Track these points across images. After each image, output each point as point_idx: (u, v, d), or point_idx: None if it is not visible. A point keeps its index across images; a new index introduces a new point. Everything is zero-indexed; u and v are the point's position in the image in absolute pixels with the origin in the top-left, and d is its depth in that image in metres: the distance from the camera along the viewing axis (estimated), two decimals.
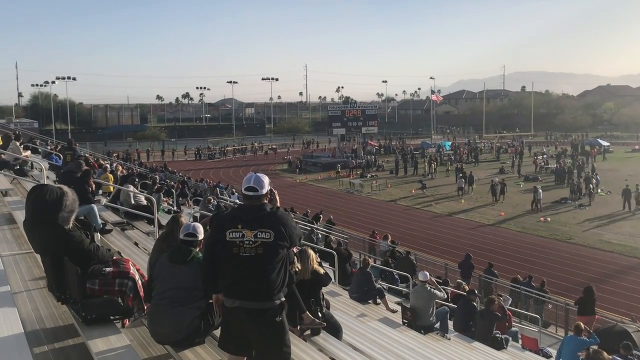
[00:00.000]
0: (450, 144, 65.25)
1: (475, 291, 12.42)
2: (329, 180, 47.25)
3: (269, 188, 3.90)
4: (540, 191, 32.49)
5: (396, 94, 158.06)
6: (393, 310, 10.66)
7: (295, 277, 5.59)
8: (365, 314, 9.56)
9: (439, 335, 9.74)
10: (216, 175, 48.94)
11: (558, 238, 26.24)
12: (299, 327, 5.56)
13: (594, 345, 9.64)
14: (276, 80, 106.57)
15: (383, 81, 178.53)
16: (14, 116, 73.93)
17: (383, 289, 11.93)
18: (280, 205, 4.50)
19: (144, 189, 14.65)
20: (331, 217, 25.09)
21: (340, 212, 31.43)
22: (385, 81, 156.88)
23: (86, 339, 4.22)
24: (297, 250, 6.18)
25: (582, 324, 10.12)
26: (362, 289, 10.85)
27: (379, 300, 10.91)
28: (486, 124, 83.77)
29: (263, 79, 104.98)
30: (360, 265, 12.26)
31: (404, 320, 9.88)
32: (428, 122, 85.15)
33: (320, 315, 5.97)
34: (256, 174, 3.86)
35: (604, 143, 61.05)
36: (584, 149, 57.07)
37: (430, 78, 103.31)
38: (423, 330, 9.55)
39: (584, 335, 9.74)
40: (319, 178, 48.70)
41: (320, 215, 23.71)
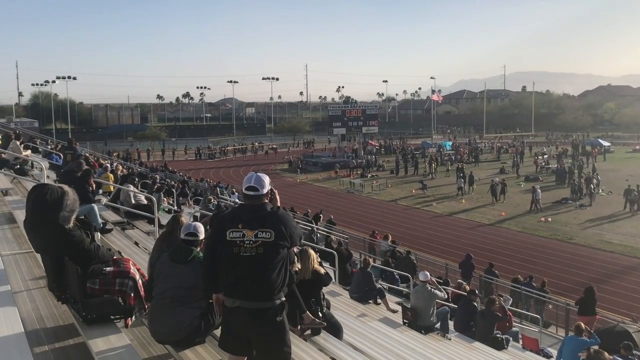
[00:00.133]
0: (451, 144, 65.21)
1: (476, 291, 12.40)
2: (330, 180, 47.23)
3: (269, 188, 3.90)
4: (538, 191, 32.49)
5: (397, 94, 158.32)
6: (393, 310, 10.65)
7: (295, 277, 5.58)
8: (366, 314, 9.55)
9: (440, 335, 9.73)
10: (216, 175, 48.95)
11: (559, 238, 26.24)
12: (299, 327, 5.55)
13: (594, 345, 9.64)
14: (277, 79, 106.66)
15: (384, 81, 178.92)
16: (14, 115, 74.00)
17: (383, 289, 11.92)
18: (280, 205, 4.50)
19: (144, 189, 14.64)
20: (332, 217, 25.08)
21: (341, 212, 31.43)
22: (386, 81, 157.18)
23: (86, 338, 4.22)
24: (298, 250, 6.17)
25: (583, 324, 10.11)
26: (363, 289, 10.85)
27: (379, 300, 10.91)
28: (487, 124, 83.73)
29: (263, 79, 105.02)
30: (360, 265, 12.25)
31: (405, 321, 9.87)
32: (429, 122, 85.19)
33: (320, 315, 5.96)
34: (257, 174, 3.85)
35: (604, 143, 61.09)
36: (584, 149, 57.05)
37: (431, 78, 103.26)
38: (424, 330, 9.54)
39: (584, 336, 9.74)
40: (320, 178, 48.69)
41: (321, 215, 23.70)
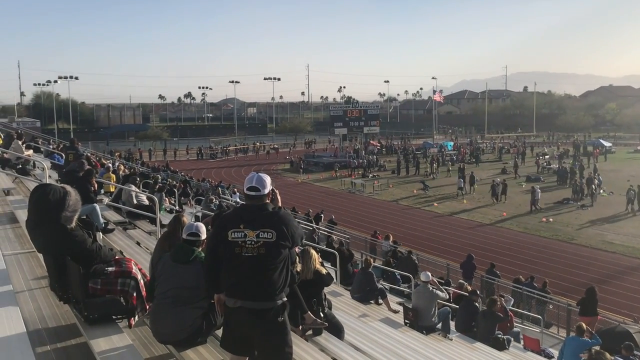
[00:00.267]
0: (452, 144, 65.15)
1: (477, 292, 12.41)
2: (331, 180, 47.21)
3: (270, 188, 3.90)
4: (538, 191, 32.51)
5: (398, 94, 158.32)
6: (395, 311, 10.65)
7: (297, 277, 5.59)
8: (367, 314, 9.55)
9: (441, 335, 9.73)
10: (218, 175, 48.96)
11: (560, 238, 26.21)
12: (300, 327, 5.55)
13: (596, 346, 9.63)
14: (278, 80, 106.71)
15: (385, 81, 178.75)
16: (17, 115, 74.10)
17: (385, 289, 11.91)
18: (281, 205, 4.50)
19: (146, 189, 14.64)
20: (333, 217, 25.08)
21: (342, 212, 31.43)
22: (388, 81, 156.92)
23: (88, 338, 4.22)
24: (299, 250, 6.18)
25: (584, 325, 10.10)
26: (364, 289, 10.85)
27: (380, 301, 10.90)
28: (488, 124, 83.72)
29: (265, 79, 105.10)
30: (362, 266, 12.26)
31: (406, 321, 9.88)
32: (430, 122, 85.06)
33: (322, 315, 5.96)
34: (258, 174, 3.85)
35: (606, 144, 61.04)
36: (586, 150, 56.98)
37: (433, 78, 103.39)
38: (425, 330, 9.54)
39: (586, 336, 9.74)
40: (321, 178, 48.69)
41: (322, 215, 23.71)
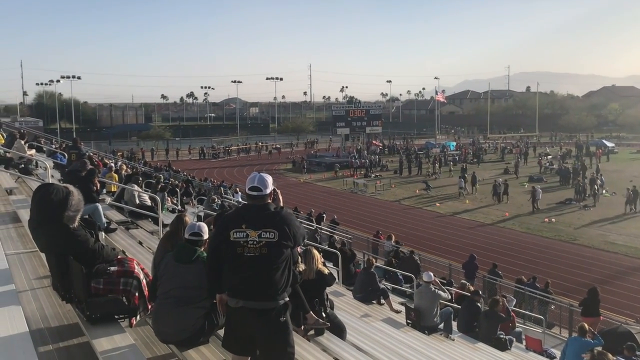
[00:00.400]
0: (455, 144, 65.09)
1: (480, 292, 12.40)
2: (333, 180, 47.21)
3: (272, 188, 3.90)
4: (539, 190, 32.53)
5: (400, 94, 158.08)
6: (397, 311, 10.65)
7: (299, 277, 5.59)
8: (369, 314, 9.55)
9: (443, 335, 9.73)
10: (220, 175, 48.98)
11: (562, 239, 26.18)
12: (303, 327, 5.56)
13: (598, 346, 9.61)
14: (280, 80, 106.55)
15: (387, 81, 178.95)
16: (19, 115, 74.04)
17: (387, 289, 11.92)
18: (283, 204, 4.50)
19: (148, 188, 14.66)
20: (335, 217, 25.07)
21: (344, 212, 31.42)
22: (390, 81, 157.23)
23: (91, 338, 4.22)
24: (302, 250, 6.17)
25: (587, 325, 10.09)
26: (366, 289, 10.85)
27: (382, 301, 10.90)
28: (491, 125, 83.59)
29: (267, 79, 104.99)
30: (364, 266, 12.26)
31: (408, 321, 9.87)
32: (432, 122, 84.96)
33: (324, 315, 5.96)
34: (260, 174, 3.85)
35: (608, 144, 60.91)
36: (588, 150, 56.88)
37: (435, 78, 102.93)
38: (427, 330, 9.54)
39: (588, 337, 9.72)
40: (323, 178, 48.69)
41: (324, 215, 23.70)
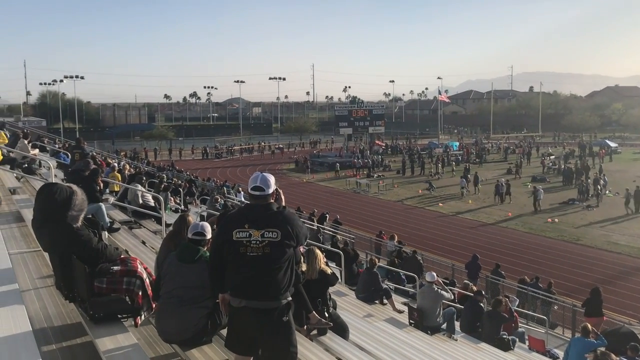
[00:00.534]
0: (457, 144, 65.01)
1: (483, 292, 12.38)
2: (336, 180, 47.20)
3: (275, 187, 3.90)
4: (541, 191, 32.52)
5: (403, 94, 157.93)
6: (400, 311, 10.64)
7: (302, 277, 5.59)
8: (372, 314, 9.55)
9: (446, 336, 9.72)
10: (223, 175, 48.99)
11: (565, 239, 26.14)
12: (305, 327, 5.55)
13: (601, 347, 9.59)
14: (283, 79, 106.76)
15: (390, 81, 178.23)
16: (22, 114, 74.33)
17: (390, 289, 11.91)
18: (285, 204, 4.50)
19: (152, 188, 14.67)
20: (338, 217, 25.05)
21: (347, 212, 31.42)
22: (393, 81, 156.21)
23: (94, 337, 4.23)
24: (305, 250, 6.18)
25: (590, 326, 10.06)
26: (369, 289, 10.85)
27: (385, 301, 10.90)
28: (494, 125, 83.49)
29: (270, 79, 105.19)
30: (367, 266, 12.25)
31: (411, 321, 9.86)
32: (435, 122, 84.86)
33: (327, 315, 5.96)
34: (262, 174, 3.85)
35: (611, 144, 60.79)
36: (591, 150, 56.76)
37: (438, 78, 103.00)
38: (430, 330, 9.53)
39: (591, 337, 9.70)
40: (326, 177, 48.68)
41: (327, 215, 23.69)
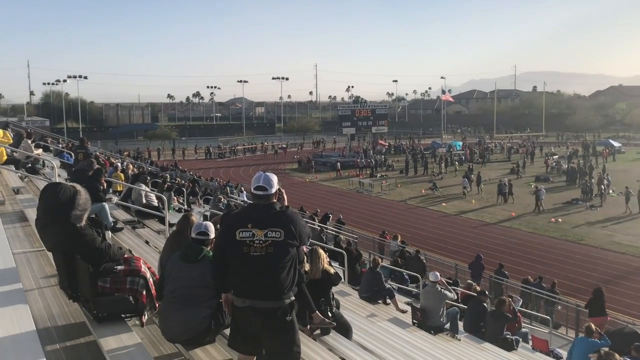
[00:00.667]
0: (461, 144, 64.89)
1: (486, 292, 12.38)
2: (339, 180, 47.17)
3: (277, 187, 3.90)
4: (543, 190, 32.52)
5: (406, 94, 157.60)
6: (403, 311, 10.65)
7: (305, 277, 5.58)
8: (375, 314, 9.55)
9: (449, 335, 9.71)
10: (226, 174, 49.05)
11: (569, 239, 26.07)
12: (309, 327, 5.55)
13: (605, 347, 9.56)
14: (286, 79, 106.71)
15: (393, 81, 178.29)
16: (26, 114, 74.44)
17: (393, 289, 11.91)
18: (288, 204, 4.50)
19: (155, 188, 14.69)
20: (341, 217, 25.05)
21: (350, 212, 31.40)
22: (396, 81, 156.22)
23: (97, 337, 4.23)
24: (308, 249, 6.18)
25: (593, 326, 10.04)
26: (372, 289, 10.85)
27: (388, 301, 10.90)
28: (497, 124, 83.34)
29: (273, 79, 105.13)
30: (370, 265, 12.25)
31: (414, 321, 9.87)
32: (438, 122, 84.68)
33: (330, 314, 5.96)
34: (265, 173, 3.86)
35: (615, 144, 60.57)
36: (595, 150, 56.61)
37: (441, 78, 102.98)
38: (433, 330, 9.53)
39: (595, 337, 9.67)
40: (329, 177, 48.67)
41: (330, 215, 23.69)
